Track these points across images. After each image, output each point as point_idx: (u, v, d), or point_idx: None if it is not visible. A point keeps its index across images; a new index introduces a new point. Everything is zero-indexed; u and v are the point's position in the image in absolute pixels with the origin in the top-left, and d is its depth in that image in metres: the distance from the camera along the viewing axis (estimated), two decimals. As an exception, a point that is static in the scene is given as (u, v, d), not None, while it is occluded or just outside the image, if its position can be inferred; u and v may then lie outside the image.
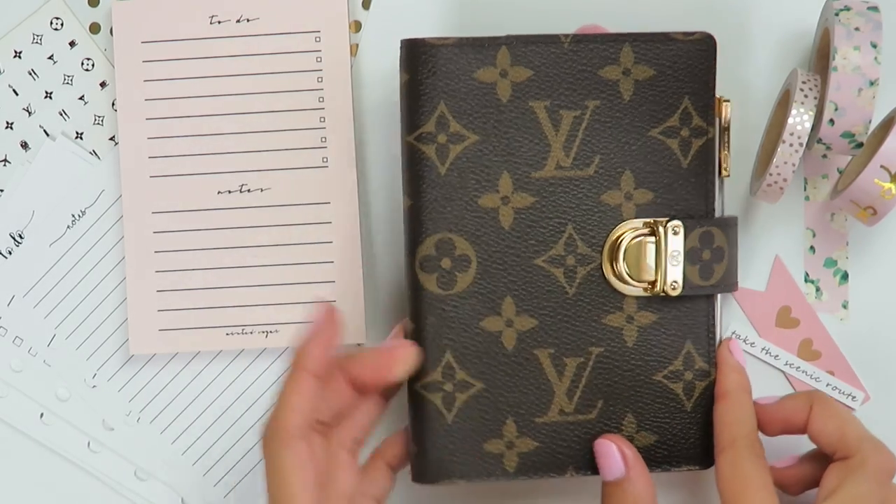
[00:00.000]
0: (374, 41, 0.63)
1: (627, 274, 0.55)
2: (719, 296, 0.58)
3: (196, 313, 0.62)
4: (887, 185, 0.56)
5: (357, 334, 0.62)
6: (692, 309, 0.56)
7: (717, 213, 0.57)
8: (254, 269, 0.62)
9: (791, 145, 0.56)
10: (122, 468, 0.63)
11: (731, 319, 0.63)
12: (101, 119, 0.63)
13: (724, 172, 0.57)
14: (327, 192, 0.62)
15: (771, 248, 0.63)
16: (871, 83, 0.55)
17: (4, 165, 0.64)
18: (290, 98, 0.62)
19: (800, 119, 0.56)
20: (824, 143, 0.57)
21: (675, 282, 0.55)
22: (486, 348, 0.55)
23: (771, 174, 0.57)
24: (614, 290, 0.56)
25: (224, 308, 0.62)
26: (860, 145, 0.57)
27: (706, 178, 0.56)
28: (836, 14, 0.56)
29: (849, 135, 0.56)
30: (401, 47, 0.55)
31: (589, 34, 0.55)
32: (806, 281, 0.63)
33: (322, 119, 0.62)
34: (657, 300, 0.56)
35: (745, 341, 0.63)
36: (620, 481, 0.55)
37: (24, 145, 0.64)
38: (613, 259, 0.55)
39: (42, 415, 0.63)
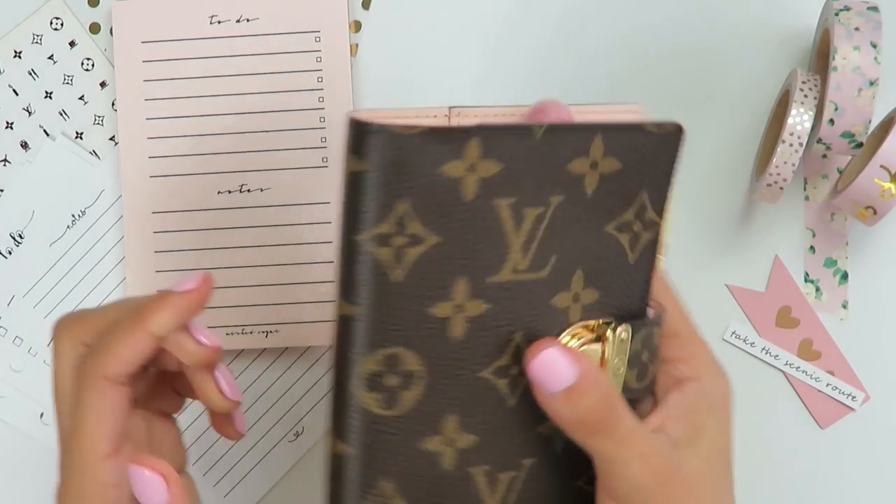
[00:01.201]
0: (374, 41, 0.63)
1: None
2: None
3: (196, 313, 0.62)
4: (887, 184, 0.56)
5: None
6: None
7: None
8: (254, 269, 0.62)
9: (791, 145, 0.56)
10: (122, 468, 0.63)
11: (731, 319, 0.63)
12: (101, 119, 0.64)
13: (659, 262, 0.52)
14: (327, 192, 0.62)
15: (771, 248, 0.63)
16: (871, 83, 0.55)
17: (4, 165, 0.64)
18: (290, 98, 0.62)
19: (799, 119, 0.56)
20: (824, 143, 0.57)
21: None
22: (421, 470, 0.49)
23: (771, 174, 0.57)
24: None
25: (224, 308, 0.62)
26: (860, 145, 0.57)
27: (647, 274, 0.51)
28: (836, 14, 0.56)
29: (848, 135, 0.56)
30: (350, 127, 0.46)
31: (561, 124, 0.49)
32: (806, 281, 0.63)
33: (322, 119, 0.62)
34: None
35: (744, 341, 0.63)
36: (571, 389, 0.46)
37: (25, 145, 0.64)
38: None
39: (42, 415, 0.63)
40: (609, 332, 0.49)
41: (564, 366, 0.46)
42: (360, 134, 0.45)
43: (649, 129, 0.49)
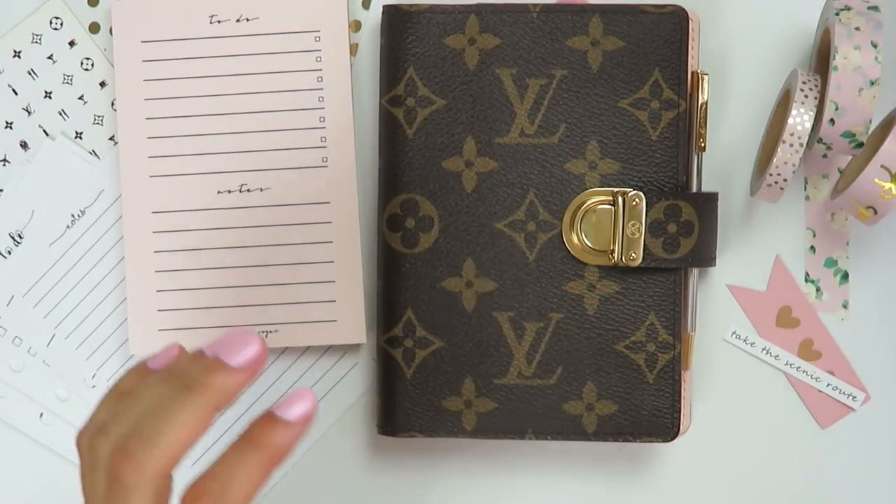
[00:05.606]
0: (374, 41, 0.63)
1: (586, 242, 0.56)
2: (695, 270, 0.58)
3: (196, 313, 0.62)
4: (887, 184, 0.56)
5: (357, 335, 0.62)
6: (657, 281, 0.57)
7: (695, 189, 0.57)
8: (254, 269, 0.62)
9: (791, 145, 0.56)
10: (121, 468, 0.63)
11: (730, 320, 0.63)
12: (100, 119, 0.63)
13: (699, 147, 0.57)
14: (327, 192, 0.62)
15: (771, 248, 0.63)
16: (872, 83, 0.55)
17: (4, 165, 0.63)
18: (290, 98, 0.62)
19: (800, 119, 0.56)
20: (825, 143, 0.57)
21: (634, 253, 0.56)
22: (446, 307, 0.57)
23: (771, 174, 0.57)
24: (574, 258, 0.57)
25: (224, 308, 0.62)
26: (860, 145, 0.57)
27: (678, 151, 0.57)
28: (837, 14, 0.56)
29: (849, 134, 0.56)
30: (382, 13, 0.58)
31: (558, 4, 0.56)
32: (806, 281, 0.63)
33: (322, 119, 0.62)
34: (619, 270, 0.57)
35: (745, 341, 0.63)
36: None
37: (24, 145, 0.64)
38: (573, 227, 0.56)
39: (42, 415, 0.63)
40: (620, 198, 0.56)
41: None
42: (384, 15, 0.58)
43: (648, 10, 0.56)
